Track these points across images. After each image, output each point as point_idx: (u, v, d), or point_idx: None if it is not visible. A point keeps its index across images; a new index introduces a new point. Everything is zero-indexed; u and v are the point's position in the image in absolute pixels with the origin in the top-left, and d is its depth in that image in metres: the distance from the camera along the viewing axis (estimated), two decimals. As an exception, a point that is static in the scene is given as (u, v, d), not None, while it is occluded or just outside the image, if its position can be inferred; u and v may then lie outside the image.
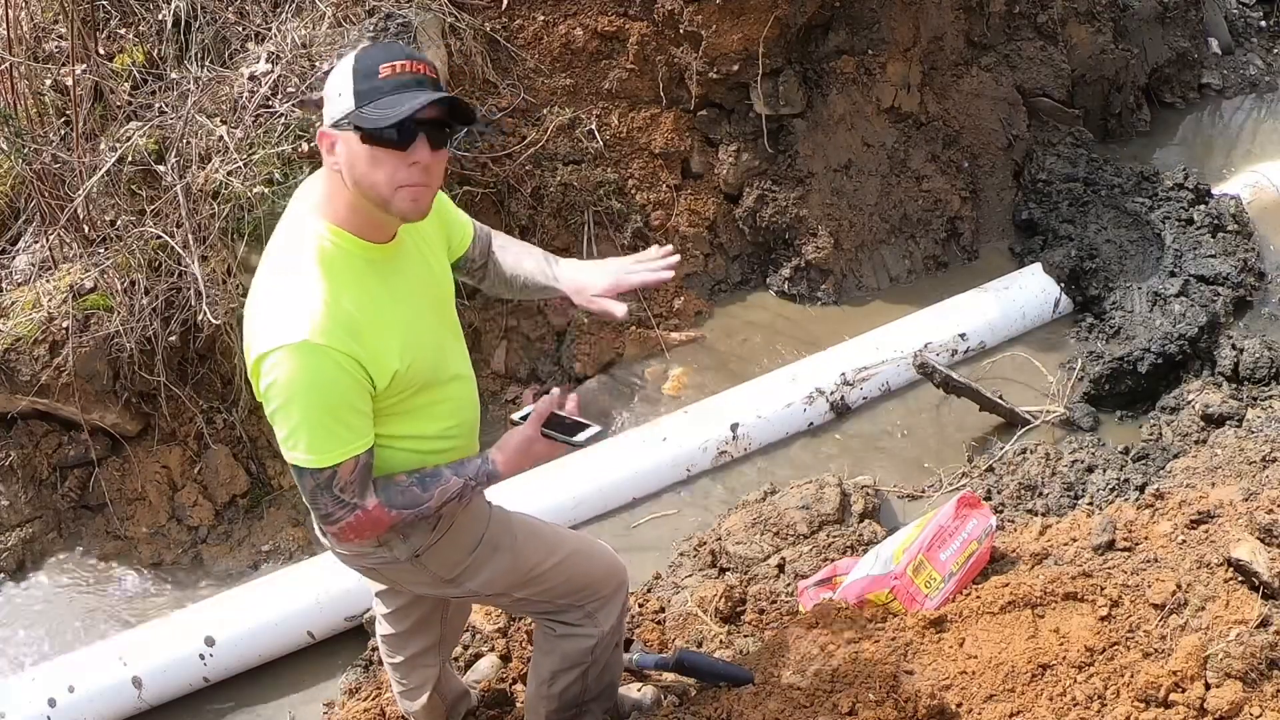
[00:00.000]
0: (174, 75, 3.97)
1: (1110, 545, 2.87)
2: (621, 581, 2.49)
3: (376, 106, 1.84)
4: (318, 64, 3.89)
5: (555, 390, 2.12)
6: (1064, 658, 2.50)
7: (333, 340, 1.86)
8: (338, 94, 1.87)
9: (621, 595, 2.49)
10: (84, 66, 3.90)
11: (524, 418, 2.11)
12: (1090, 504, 3.49)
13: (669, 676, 2.89)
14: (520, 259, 2.40)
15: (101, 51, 4.08)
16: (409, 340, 2.00)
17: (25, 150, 3.83)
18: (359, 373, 1.91)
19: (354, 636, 3.46)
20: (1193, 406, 3.84)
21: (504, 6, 4.40)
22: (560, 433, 2.08)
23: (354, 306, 1.91)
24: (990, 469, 3.77)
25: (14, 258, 4.07)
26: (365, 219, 1.96)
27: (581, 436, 2.07)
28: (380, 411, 2.02)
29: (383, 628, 2.62)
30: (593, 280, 2.33)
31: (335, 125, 1.88)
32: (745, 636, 3.10)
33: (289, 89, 3.84)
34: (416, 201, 1.92)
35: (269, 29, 4.00)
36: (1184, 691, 2.33)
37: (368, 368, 1.92)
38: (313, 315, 1.86)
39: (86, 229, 3.93)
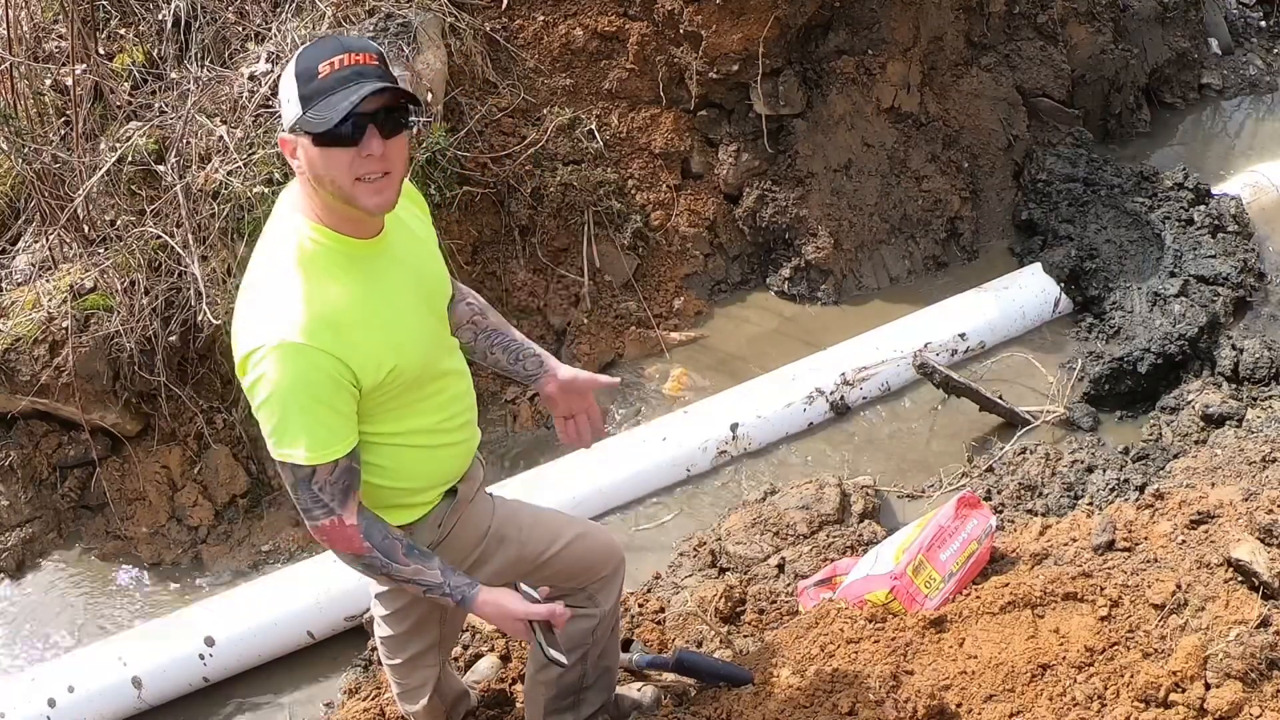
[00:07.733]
0: (174, 75, 3.98)
1: (1110, 545, 2.87)
2: (620, 561, 2.53)
3: (320, 109, 1.83)
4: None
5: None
6: (1064, 658, 2.50)
7: (313, 339, 1.88)
8: (286, 100, 1.88)
9: (620, 575, 2.54)
10: (84, 66, 3.90)
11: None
12: (1090, 504, 3.49)
13: (669, 676, 2.89)
14: (492, 349, 2.41)
15: (101, 51, 4.08)
16: (396, 335, 2.01)
17: (25, 150, 3.83)
18: (341, 372, 1.92)
19: (354, 636, 3.46)
20: (1193, 406, 3.84)
21: (504, 6, 4.40)
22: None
23: (337, 303, 1.92)
24: (990, 469, 3.77)
25: (14, 258, 4.07)
26: (342, 216, 1.96)
27: (552, 653, 2.18)
28: (371, 409, 2.02)
29: (382, 629, 2.62)
30: (567, 401, 2.43)
31: (290, 131, 1.90)
32: (745, 636, 3.10)
33: (289, 89, 3.84)
34: (380, 193, 1.92)
35: (269, 29, 4.00)
36: (1184, 692, 2.34)
37: (351, 365, 1.93)
38: (294, 314, 1.88)
39: (86, 229, 3.93)
